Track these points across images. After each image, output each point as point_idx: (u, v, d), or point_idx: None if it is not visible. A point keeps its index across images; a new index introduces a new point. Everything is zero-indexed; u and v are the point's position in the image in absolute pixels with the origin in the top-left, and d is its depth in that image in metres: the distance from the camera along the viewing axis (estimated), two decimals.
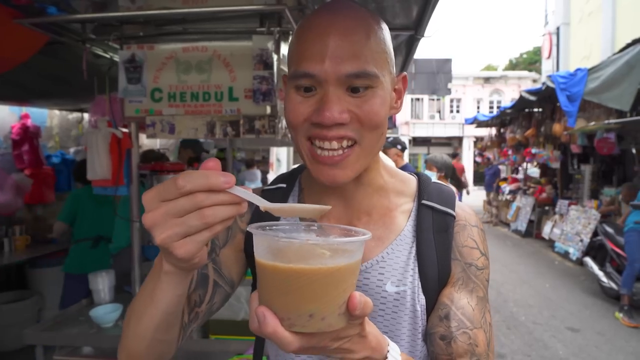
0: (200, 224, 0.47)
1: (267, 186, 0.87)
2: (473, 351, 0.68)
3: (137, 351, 0.66)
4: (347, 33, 0.63)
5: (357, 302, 0.48)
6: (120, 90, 2.10)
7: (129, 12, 1.92)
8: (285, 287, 0.46)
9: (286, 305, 0.47)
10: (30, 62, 2.18)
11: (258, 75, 1.98)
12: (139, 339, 0.65)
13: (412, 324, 0.72)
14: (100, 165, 2.32)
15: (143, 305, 0.62)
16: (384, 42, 0.68)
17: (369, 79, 0.64)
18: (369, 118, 0.65)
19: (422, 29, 2.23)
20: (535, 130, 9.36)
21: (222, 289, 0.78)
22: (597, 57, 9.64)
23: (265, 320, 0.47)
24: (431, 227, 0.75)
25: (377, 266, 0.72)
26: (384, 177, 0.78)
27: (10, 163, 3.93)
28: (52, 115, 4.60)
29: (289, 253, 0.47)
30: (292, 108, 0.67)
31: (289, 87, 0.68)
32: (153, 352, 0.67)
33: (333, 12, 0.66)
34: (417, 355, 0.73)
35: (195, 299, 0.75)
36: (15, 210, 3.84)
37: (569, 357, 3.96)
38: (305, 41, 0.65)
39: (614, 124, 6.13)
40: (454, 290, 0.72)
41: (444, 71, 11.89)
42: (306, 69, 0.64)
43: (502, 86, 25.43)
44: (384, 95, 0.67)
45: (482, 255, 0.75)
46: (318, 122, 0.64)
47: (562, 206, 8.47)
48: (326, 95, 0.63)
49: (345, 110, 0.64)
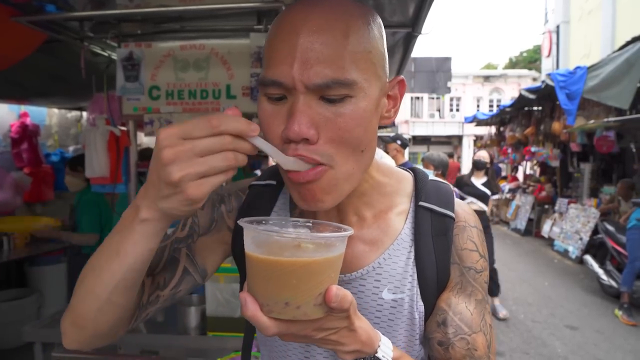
0: (223, 166, 0.48)
1: (256, 180, 0.81)
2: (472, 355, 0.67)
3: (85, 314, 0.60)
4: (320, 31, 0.54)
5: (334, 294, 0.50)
6: (118, 88, 2.10)
7: (126, 10, 1.92)
8: (265, 275, 0.50)
9: (265, 292, 0.51)
10: (28, 60, 2.18)
11: (255, 72, 1.99)
12: (91, 299, 0.59)
13: (409, 330, 0.70)
14: (99, 163, 2.33)
15: (104, 261, 0.57)
16: (368, 40, 0.57)
17: (346, 88, 0.55)
18: (342, 134, 0.56)
19: (419, 26, 2.23)
20: (534, 128, 9.35)
21: (192, 277, 0.74)
22: (597, 55, 9.63)
23: (247, 305, 0.50)
24: (430, 230, 0.71)
25: (373, 272, 0.69)
26: (378, 177, 0.72)
27: (9, 161, 3.94)
28: (51, 114, 4.61)
29: (269, 245, 0.50)
30: (265, 121, 0.59)
31: (260, 93, 0.60)
32: (103, 317, 0.60)
33: (309, 6, 0.56)
34: (413, 355, 0.71)
35: (159, 281, 0.71)
36: (14, 208, 3.85)
37: (567, 355, 3.97)
38: (275, 42, 0.57)
39: (614, 122, 6.13)
40: (452, 295, 0.70)
41: (443, 70, 11.89)
42: (273, 76, 0.56)
43: (501, 85, 25.42)
44: (366, 105, 0.57)
45: (481, 257, 0.73)
46: (285, 135, 0.56)
47: (561, 205, 8.48)
48: (295, 105, 0.55)
49: (313, 125, 0.55)
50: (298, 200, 0.61)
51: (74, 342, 0.64)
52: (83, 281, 0.60)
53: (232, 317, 2.00)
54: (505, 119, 11.80)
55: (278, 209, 0.77)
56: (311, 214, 0.73)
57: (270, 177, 0.80)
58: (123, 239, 0.55)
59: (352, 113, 0.56)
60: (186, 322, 2.08)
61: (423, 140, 26.02)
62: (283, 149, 0.57)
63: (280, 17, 0.59)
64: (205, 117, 0.48)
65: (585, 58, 11.20)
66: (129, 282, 0.59)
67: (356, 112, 0.56)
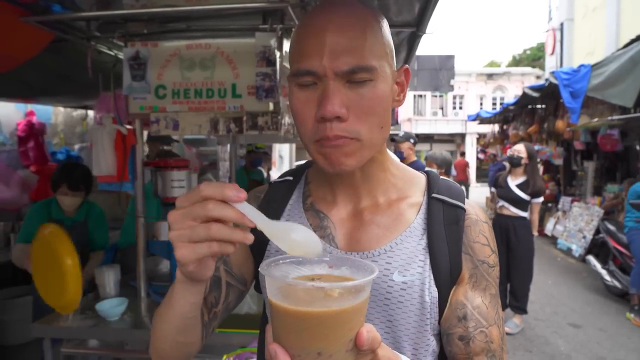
0: (204, 235, 0.52)
1: (276, 179, 0.89)
2: (489, 348, 0.71)
3: (162, 350, 0.73)
4: (343, 29, 0.65)
5: (365, 338, 0.50)
6: (124, 87, 2.12)
7: (133, 10, 1.94)
8: (295, 326, 0.49)
9: (296, 344, 0.50)
10: (35, 60, 2.20)
11: (261, 72, 2.00)
12: (162, 340, 0.71)
13: (419, 315, 0.71)
14: (106, 162, 2.36)
15: (164, 309, 0.69)
16: (382, 35, 0.69)
17: (368, 73, 0.65)
18: (367, 112, 0.66)
19: (423, 26, 2.25)
20: (538, 126, 9.33)
21: (236, 288, 0.83)
22: (601, 53, 9.59)
23: (277, 358, 0.50)
24: (442, 220, 0.75)
25: (384, 255, 0.73)
26: (392, 170, 0.79)
27: (16, 160, 3.97)
28: (56, 112, 4.64)
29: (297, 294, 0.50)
30: (299, 108, 0.69)
31: (291, 84, 0.70)
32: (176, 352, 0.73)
33: (330, 10, 0.67)
34: (423, 348, 0.73)
35: (211, 301, 0.78)
36: (21, 206, 3.88)
37: (570, 353, 3.98)
38: (304, 39, 0.67)
39: (618, 120, 6.11)
40: (469, 289, 0.73)
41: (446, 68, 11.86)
42: (306, 67, 0.66)
43: (505, 83, 25.33)
44: (384, 87, 0.68)
45: (493, 252, 0.76)
46: (321, 115, 0.65)
47: (565, 203, 8.46)
48: (327, 89, 0.65)
49: (344, 104, 0.65)
50: (323, 164, 0.70)
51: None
52: (155, 325, 0.73)
53: (238, 314, 2.03)
54: (508, 117, 11.77)
55: (293, 202, 0.83)
56: (326, 196, 0.79)
57: (289, 174, 0.88)
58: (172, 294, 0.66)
59: (374, 94, 0.67)
60: None
61: (426, 138, 25.96)
62: (317, 128, 0.67)
63: (303, 20, 0.71)
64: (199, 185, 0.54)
65: (590, 56, 11.16)
66: (186, 326, 0.69)
67: (377, 93, 0.67)
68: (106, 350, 2.30)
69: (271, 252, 0.80)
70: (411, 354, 0.73)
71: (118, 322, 2.16)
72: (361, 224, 0.77)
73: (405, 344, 0.72)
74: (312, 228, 0.78)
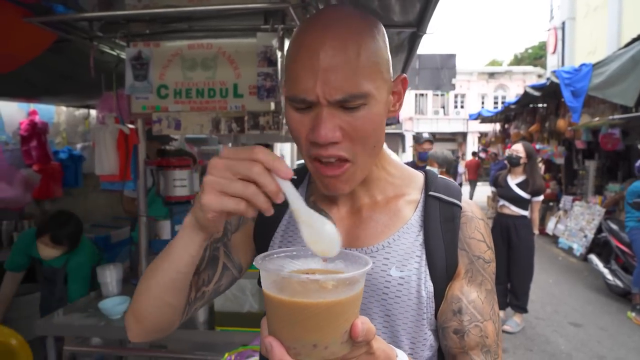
0: (239, 191, 0.53)
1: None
2: (484, 343, 0.72)
3: (143, 309, 0.71)
4: (336, 53, 0.63)
5: (360, 330, 0.51)
6: (127, 87, 2.13)
7: (135, 11, 1.95)
8: (290, 318, 0.50)
9: (291, 335, 0.50)
10: (38, 60, 2.22)
11: (262, 72, 2.01)
12: (146, 298, 0.70)
13: (416, 310, 0.73)
14: (108, 161, 2.37)
15: (159, 261, 0.69)
16: (376, 53, 0.67)
17: (361, 98, 0.65)
18: (360, 135, 0.67)
19: (424, 26, 2.25)
20: (539, 125, 9.32)
21: (230, 272, 0.83)
22: (603, 52, 9.58)
23: (273, 350, 0.51)
24: (438, 217, 0.77)
25: (382, 251, 0.75)
26: (388, 169, 0.81)
27: (18, 159, 3.98)
28: (59, 112, 4.65)
29: (293, 286, 0.50)
30: (293, 126, 0.70)
31: (287, 103, 0.70)
32: (158, 313, 0.71)
33: (325, 25, 0.66)
34: (421, 342, 0.74)
35: (204, 278, 0.79)
36: (24, 205, 3.90)
37: (571, 352, 3.99)
38: (298, 62, 0.66)
39: (619, 119, 6.11)
40: (465, 284, 0.74)
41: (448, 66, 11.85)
42: (300, 95, 0.66)
43: (506, 81, 25.29)
44: (378, 109, 0.68)
45: (489, 248, 0.78)
46: (314, 140, 0.66)
47: (566, 202, 8.45)
48: (320, 116, 0.65)
49: (338, 128, 0.65)
50: (321, 187, 0.74)
51: (135, 336, 0.75)
52: (143, 280, 0.71)
53: (239, 312, 2.04)
54: (510, 116, 11.76)
55: None
56: (326, 200, 0.82)
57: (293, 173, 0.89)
58: (172, 244, 0.66)
59: (367, 117, 0.67)
60: (194, 316, 2.12)
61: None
62: (311, 149, 0.69)
63: (298, 37, 0.68)
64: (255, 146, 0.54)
65: (591, 55, 11.14)
66: (177, 283, 0.68)
67: (370, 116, 0.67)
68: (109, 348, 2.32)
69: (275, 244, 0.82)
70: (409, 348, 0.74)
71: (120, 320, 2.18)
72: (360, 221, 0.79)
73: (403, 337, 0.74)
74: None
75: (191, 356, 2.09)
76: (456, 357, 0.74)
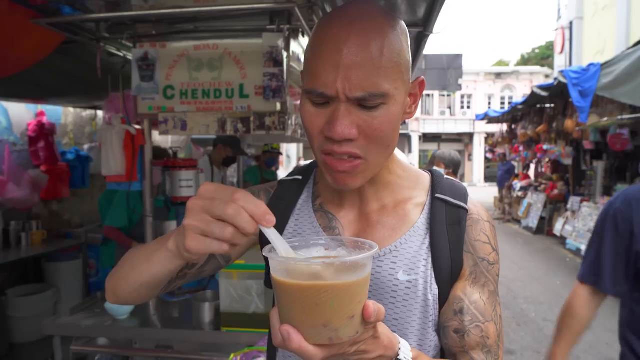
0: (218, 234, 0.53)
1: (285, 177, 0.90)
2: (485, 343, 0.72)
3: (121, 290, 0.74)
4: (359, 51, 0.63)
5: (372, 310, 0.52)
6: (133, 88, 2.14)
7: (141, 12, 1.95)
8: (305, 303, 0.50)
9: (306, 320, 0.51)
10: (46, 61, 2.23)
11: (268, 72, 2.01)
12: (126, 283, 0.73)
13: (423, 312, 0.73)
14: (115, 161, 2.38)
15: (139, 260, 0.70)
16: (399, 53, 0.66)
17: (380, 98, 0.65)
18: (377, 134, 0.67)
19: (430, 26, 2.24)
20: (546, 126, 9.26)
21: (216, 261, 0.84)
22: (611, 52, 9.49)
23: (290, 338, 0.51)
24: (444, 220, 0.76)
25: (390, 255, 0.75)
26: (397, 172, 0.80)
27: (26, 159, 4.01)
28: (66, 113, 4.68)
29: (303, 271, 0.51)
30: (308, 119, 0.69)
31: (304, 96, 0.70)
32: (135, 297, 0.74)
33: (348, 22, 0.65)
34: (427, 344, 0.75)
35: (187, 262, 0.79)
36: (31, 205, 3.93)
37: (579, 354, 3.95)
38: (319, 56, 0.66)
39: (627, 119, 6.05)
40: (467, 285, 0.74)
41: (454, 67, 11.82)
42: (320, 89, 0.65)
43: (513, 82, 25.15)
44: (395, 110, 0.68)
45: (494, 250, 0.77)
46: (329, 136, 0.66)
47: (574, 203, 8.38)
48: (337, 111, 0.65)
49: (355, 126, 0.65)
50: (330, 181, 0.72)
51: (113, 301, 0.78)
52: (123, 266, 0.73)
53: (245, 313, 2.04)
54: (517, 116, 11.69)
55: (302, 202, 0.85)
56: (334, 199, 0.81)
57: (298, 173, 0.89)
58: (155, 252, 0.66)
59: (385, 117, 0.66)
60: (200, 317, 2.12)
61: (434, 137, 25.87)
62: (324, 144, 0.68)
63: (322, 30, 0.67)
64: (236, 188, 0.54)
65: (599, 55, 11.05)
66: (152, 284, 0.71)
67: (388, 116, 0.67)
68: (115, 348, 2.33)
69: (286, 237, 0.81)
70: None
71: (127, 320, 2.18)
72: (368, 225, 0.78)
73: (411, 341, 0.74)
74: (321, 228, 0.80)
75: (197, 357, 2.09)
76: (456, 355, 0.74)
